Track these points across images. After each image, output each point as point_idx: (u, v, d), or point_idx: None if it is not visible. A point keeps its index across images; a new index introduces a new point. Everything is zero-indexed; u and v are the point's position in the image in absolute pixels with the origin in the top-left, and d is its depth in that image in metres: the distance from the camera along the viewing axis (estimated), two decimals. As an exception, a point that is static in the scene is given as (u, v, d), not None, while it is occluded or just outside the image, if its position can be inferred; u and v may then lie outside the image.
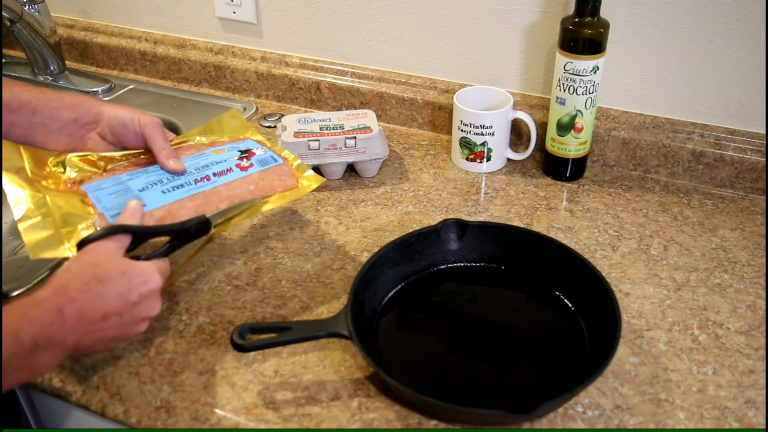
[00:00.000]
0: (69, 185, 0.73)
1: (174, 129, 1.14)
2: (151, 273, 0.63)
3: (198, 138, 0.84)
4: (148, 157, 0.78)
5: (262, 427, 0.65)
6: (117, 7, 1.28)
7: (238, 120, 0.88)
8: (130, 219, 0.67)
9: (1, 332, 0.53)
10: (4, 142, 0.73)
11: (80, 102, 0.75)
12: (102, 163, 0.77)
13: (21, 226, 0.65)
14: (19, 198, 0.67)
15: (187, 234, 0.70)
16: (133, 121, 0.75)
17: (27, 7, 1.17)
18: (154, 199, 0.71)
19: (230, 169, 0.77)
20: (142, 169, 0.76)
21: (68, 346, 0.58)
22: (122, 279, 0.61)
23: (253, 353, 0.72)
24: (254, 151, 0.81)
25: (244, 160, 0.78)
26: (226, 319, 0.77)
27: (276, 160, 0.80)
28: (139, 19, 1.28)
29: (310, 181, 0.81)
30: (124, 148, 0.79)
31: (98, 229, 0.66)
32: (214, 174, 0.76)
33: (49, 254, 0.64)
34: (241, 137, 0.85)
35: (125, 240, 0.65)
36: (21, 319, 0.55)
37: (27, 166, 0.72)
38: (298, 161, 0.82)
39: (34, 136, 0.73)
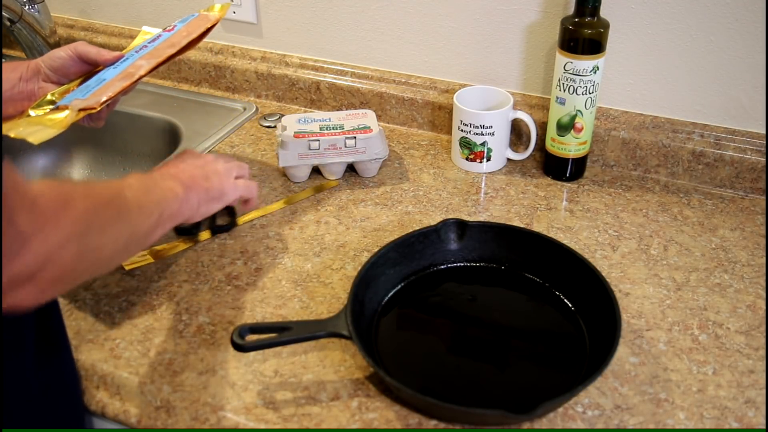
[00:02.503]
0: None
1: (174, 129, 1.14)
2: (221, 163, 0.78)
3: None
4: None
5: (262, 427, 0.65)
6: (117, 7, 1.28)
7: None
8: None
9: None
10: None
11: (18, 63, 0.82)
12: (57, 98, 0.81)
13: (12, 134, 0.73)
14: (3, 129, 0.75)
15: None
16: (65, 50, 0.81)
17: (27, 7, 1.17)
18: (109, 74, 0.80)
19: (159, 35, 0.85)
20: (92, 78, 0.82)
21: (176, 176, 0.71)
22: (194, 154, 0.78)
23: (253, 353, 0.72)
24: (173, 24, 0.89)
25: (167, 29, 0.87)
26: (226, 319, 0.77)
27: (193, 15, 0.88)
28: (139, 19, 1.28)
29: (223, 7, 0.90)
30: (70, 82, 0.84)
31: (75, 109, 0.75)
32: (148, 43, 0.84)
33: (44, 136, 0.73)
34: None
35: None
36: (122, 181, 0.63)
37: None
38: (215, 4, 0.92)
39: None
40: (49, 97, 0.80)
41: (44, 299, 0.50)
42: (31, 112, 0.78)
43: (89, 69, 0.83)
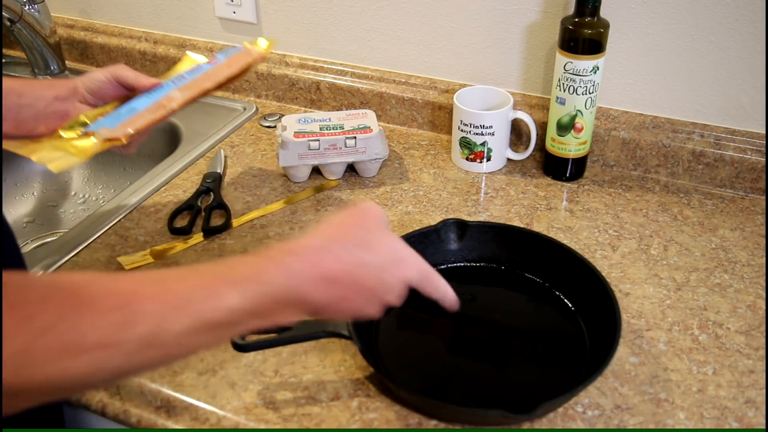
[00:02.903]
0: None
1: (174, 129, 1.14)
2: (412, 257, 0.58)
3: None
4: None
5: (262, 427, 0.65)
6: (117, 7, 1.28)
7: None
8: None
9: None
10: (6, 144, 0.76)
11: (56, 81, 0.80)
12: (89, 121, 0.80)
13: (34, 158, 0.72)
14: (28, 150, 0.74)
15: None
16: (104, 72, 0.80)
17: (27, 7, 1.17)
18: (141, 102, 0.78)
19: (200, 67, 0.83)
20: (124, 105, 0.80)
21: (311, 307, 0.53)
22: (386, 253, 0.56)
23: (253, 353, 0.72)
24: (215, 55, 0.86)
25: (209, 61, 0.84)
26: (226, 319, 0.77)
27: (237, 48, 0.85)
28: (139, 19, 1.28)
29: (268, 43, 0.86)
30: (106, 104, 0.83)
31: (101, 138, 0.73)
32: (187, 74, 0.81)
33: (64, 164, 0.72)
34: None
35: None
36: (276, 267, 0.51)
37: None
38: (259, 39, 0.87)
39: (24, 120, 0.76)
40: (81, 118, 0.78)
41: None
42: (62, 133, 0.76)
43: (126, 93, 0.81)
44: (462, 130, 1.00)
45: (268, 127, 1.14)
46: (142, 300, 0.45)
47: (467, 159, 1.02)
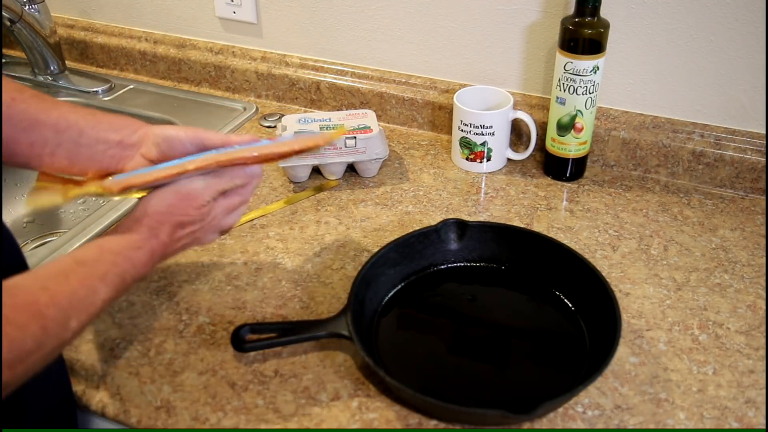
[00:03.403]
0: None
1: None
2: (215, 211, 0.70)
3: None
4: None
5: (262, 427, 0.65)
6: (117, 7, 1.28)
7: None
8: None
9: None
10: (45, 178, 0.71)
11: (125, 124, 0.72)
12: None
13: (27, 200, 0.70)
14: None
15: None
16: (178, 131, 0.71)
17: (27, 7, 1.17)
18: (169, 163, 0.69)
19: (258, 140, 0.73)
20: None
21: (143, 277, 0.66)
22: (198, 214, 0.68)
23: (253, 353, 0.72)
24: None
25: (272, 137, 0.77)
26: (226, 319, 0.77)
27: (312, 132, 0.78)
28: (139, 19, 1.28)
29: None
30: None
31: (95, 184, 0.69)
32: (240, 145, 0.71)
33: (41, 202, 0.69)
34: None
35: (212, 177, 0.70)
36: (126, 261, 0.63)
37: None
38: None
39: (78, 158, 0.70)
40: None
41: None
42: (104, 182, 0.70)
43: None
44: (462, 130, 1.00)
45: (269, 127, 1.14)
46: (43, 308, 0.54)
47: (467, 159, 1.02)
